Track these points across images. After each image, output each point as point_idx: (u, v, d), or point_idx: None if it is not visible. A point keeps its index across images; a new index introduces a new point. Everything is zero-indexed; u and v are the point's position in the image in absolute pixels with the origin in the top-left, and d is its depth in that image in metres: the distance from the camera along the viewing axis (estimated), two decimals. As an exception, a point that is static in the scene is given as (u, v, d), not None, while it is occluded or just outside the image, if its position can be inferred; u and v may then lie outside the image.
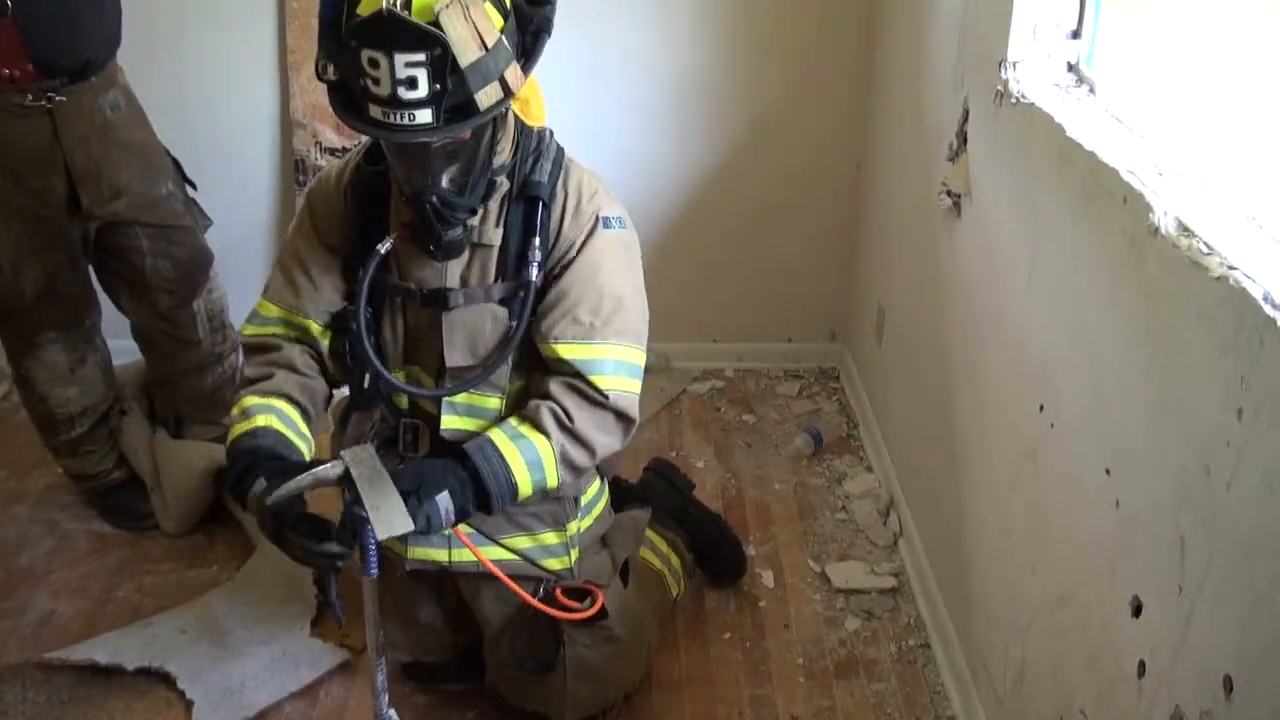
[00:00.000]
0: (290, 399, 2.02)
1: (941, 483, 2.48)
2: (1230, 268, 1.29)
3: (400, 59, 1.65)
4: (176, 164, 2.80)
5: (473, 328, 2.00)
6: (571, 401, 1.96)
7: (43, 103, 2.43)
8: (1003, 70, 2.07)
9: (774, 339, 3.65)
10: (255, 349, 2.09)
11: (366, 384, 2.06)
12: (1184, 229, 1.41)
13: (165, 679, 2.36)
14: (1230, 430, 1.26)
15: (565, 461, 1.96)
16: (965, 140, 2.32)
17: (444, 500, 1.84)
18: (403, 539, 1.97)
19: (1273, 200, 1.44)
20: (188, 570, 2.75)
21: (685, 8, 3.22)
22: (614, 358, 1.99)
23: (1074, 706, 1.73)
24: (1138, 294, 1.52)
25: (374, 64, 1.66)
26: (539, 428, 1.94)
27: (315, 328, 2.06)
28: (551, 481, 1.96)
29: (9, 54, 2.36)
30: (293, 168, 3.32)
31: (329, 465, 1.83)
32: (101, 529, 2.89)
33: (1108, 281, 1.62)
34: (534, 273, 1.95)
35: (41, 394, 2.75)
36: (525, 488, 1.93)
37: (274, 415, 1.97)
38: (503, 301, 1.99)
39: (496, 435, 1.93)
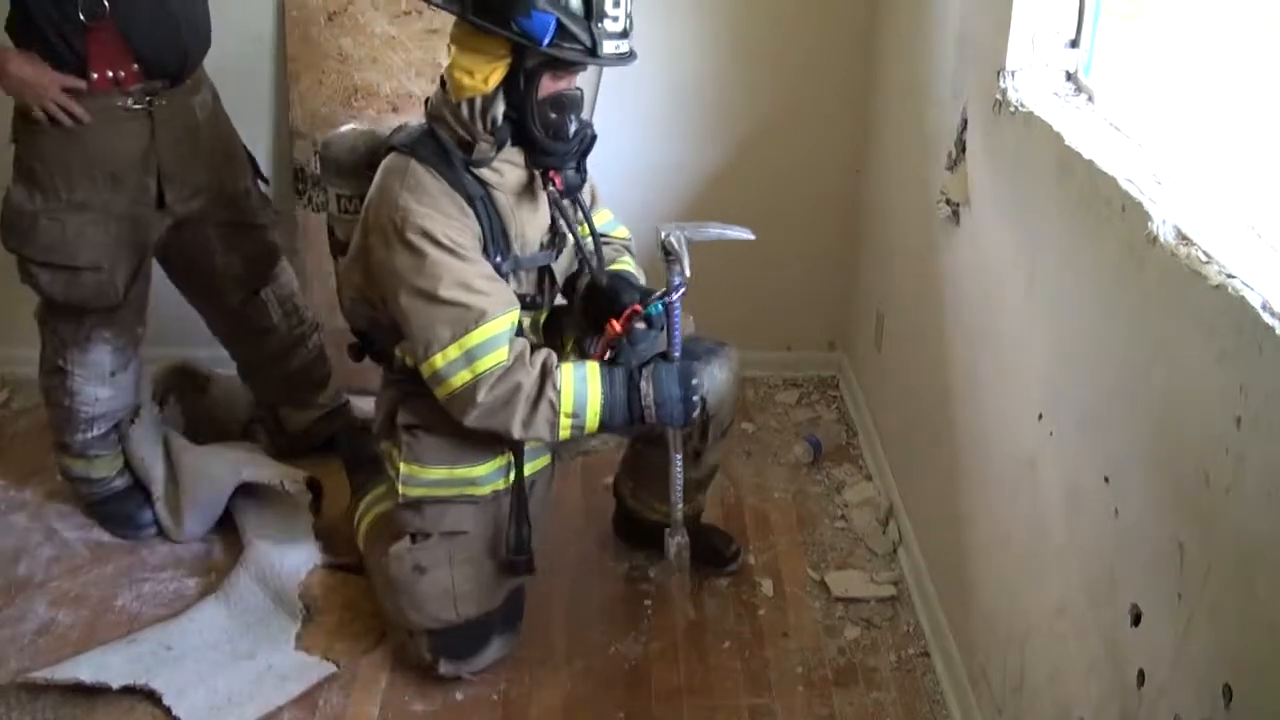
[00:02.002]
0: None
1: (941, 491, 2.48)
2: (1229, 276, 1.29)
3: None
4: (251, 159, 2.88)
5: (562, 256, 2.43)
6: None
7: (143, 106, 2.50)
8: (1001, 79, 2.08)
9: (773, 347, 3.65)
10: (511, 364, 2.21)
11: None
12: (1183, 237, 1.41)
13: (151, 696, 2.34)
14: (1229, 438, 1.26)
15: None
16: (964, 149, 2.32)
17: None
18: None
19: (1272, 209, 1.44)
20: (187, 579, 2.75)
21: (684, 14, 3.22)
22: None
23: (1073, 715, 1.73)
24: (1136, 302, 1.52)
25: (617, 3, 2.09)
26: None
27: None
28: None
29: (113, 54, 2.43)
30: (293, 176, 3.32)
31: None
32: (100, 537, 2.88)
33: (1106, 290, 1.62)
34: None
35: (74, 389, 2.75)
36: None
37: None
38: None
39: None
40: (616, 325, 2.27)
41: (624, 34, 2.12)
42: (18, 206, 2.53)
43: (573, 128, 2.21)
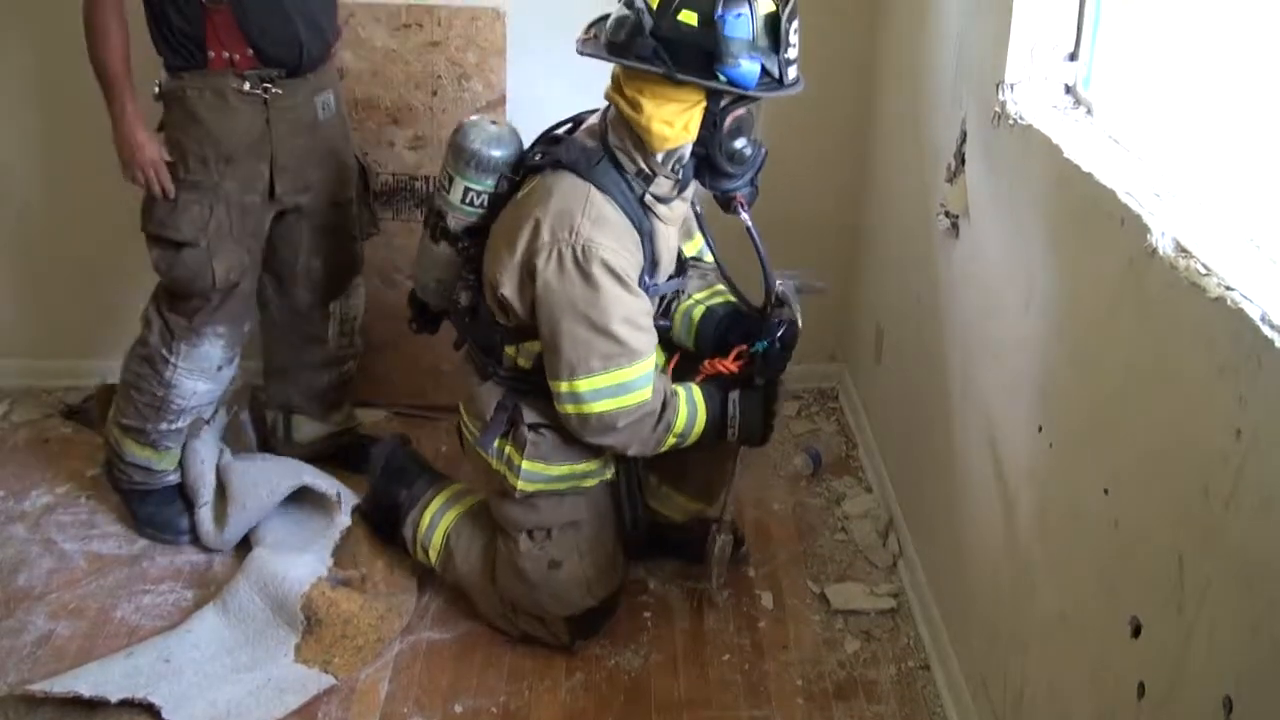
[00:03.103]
0: None
1: (940, 503, 2.48)
2: (1228, 288, 1.29)
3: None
4: (364, 170, 2.95)
5: None
6: None
7: (259, 92, 2.57)
8: (1000, 92, 2.08)
9: (773, 359, 3.65)
10: None
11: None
12: (1182, 250, 1.41)
13: (149, 709, 2.33)
14: (1229, 450, 1.26)
15: None
16: (963, 161, 2.33)
17: None
18: None
19: (1271, 221, 1.44)
20: (185, 591, 2.74)
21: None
22: None
23: (1074, 728, 1.73)
24: (1136, 314, 1.52)
25: (795, 31, 2.15)
26: None
27: None
28: None
29: (229, 37, 2.53)
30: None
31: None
32: (99, 549, 2.87)
33: (1106, 302, 1.62)
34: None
35: (172, 381, 2.75)
36: None
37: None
38: None
39: None
40: (731, 366, 2.42)
41: (797, 59, 2.18)
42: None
43: (751, 150, 2.26)
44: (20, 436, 3.33)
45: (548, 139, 2.39)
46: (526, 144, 2.41)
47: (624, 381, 2.24)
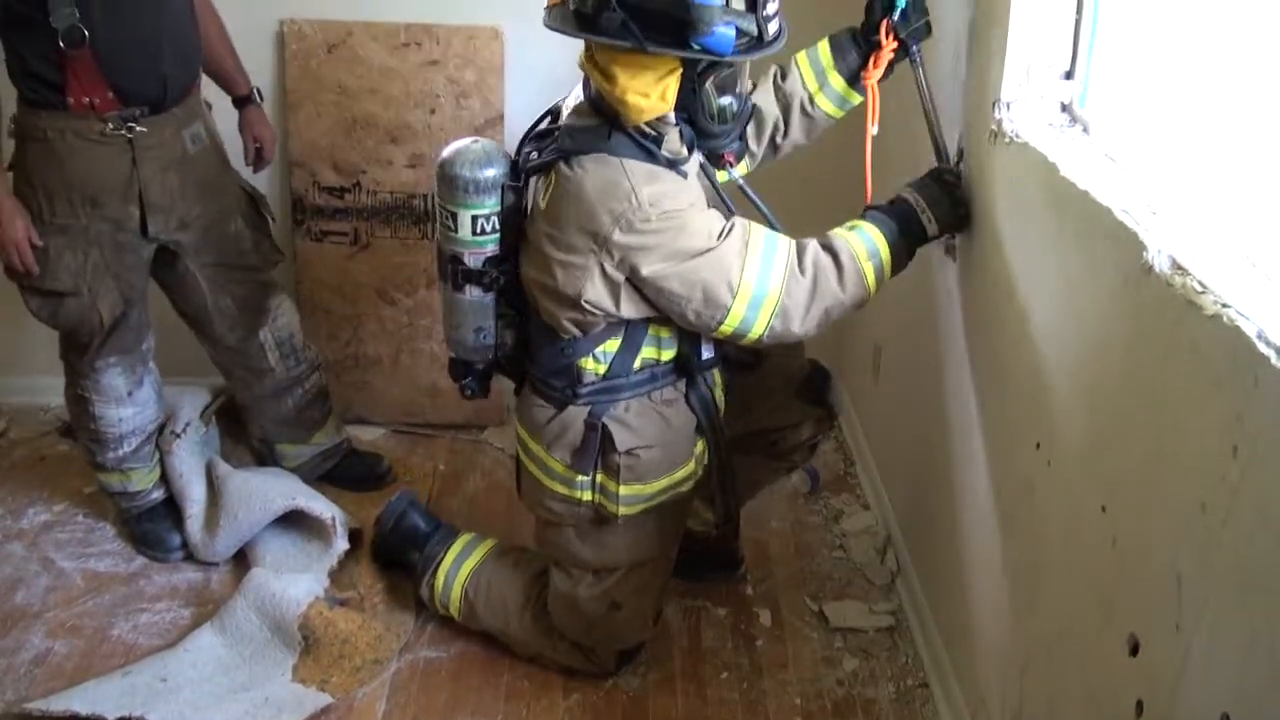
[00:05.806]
0: None
1: (939, 521, 2.48)
2: (1224, 306, 1.29)
3: None
4: (253, 199, 2.89)
5: None
6: None
7: (123, 132, 2.51)
8: (996, 110, 2.09)
9: (771, 377, 3.65)
10: None
11: None
12: (1178, 267, 1.42)
13: (146, 728, 2.34)
14: (1225, 467, 1.26)
15: None
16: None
17: None
18: None
19: (1267, 238, 1.44)
20: (183, 609, 2.74)
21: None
22: None
23: (1073, 746, 1.72)
24: (1132, 332, 1.52)
25: None
26: None
27: None
28: None
29: (89, 81, 2.46)
30: (291, 207, 3.33)
31: None
32: (97, 567, 2.88)
33: (1102, 319, 1.62)
34: None
35: (96, 414, 2.77)
36: None
37: None
38: None
39: None
40: (888, 41, 2.31)
41: (778, 10, 2.06)
42: None
43: (736, 105, 2.17)
44: (18, 454, 3.34)
45: (536, 137, 2.26)
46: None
47: (763, 253, 2.13)
